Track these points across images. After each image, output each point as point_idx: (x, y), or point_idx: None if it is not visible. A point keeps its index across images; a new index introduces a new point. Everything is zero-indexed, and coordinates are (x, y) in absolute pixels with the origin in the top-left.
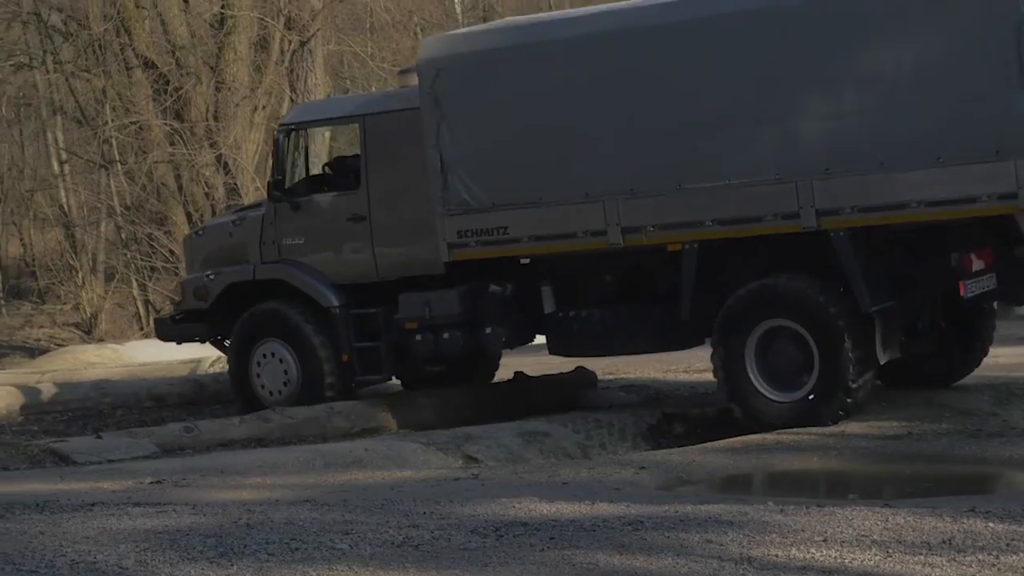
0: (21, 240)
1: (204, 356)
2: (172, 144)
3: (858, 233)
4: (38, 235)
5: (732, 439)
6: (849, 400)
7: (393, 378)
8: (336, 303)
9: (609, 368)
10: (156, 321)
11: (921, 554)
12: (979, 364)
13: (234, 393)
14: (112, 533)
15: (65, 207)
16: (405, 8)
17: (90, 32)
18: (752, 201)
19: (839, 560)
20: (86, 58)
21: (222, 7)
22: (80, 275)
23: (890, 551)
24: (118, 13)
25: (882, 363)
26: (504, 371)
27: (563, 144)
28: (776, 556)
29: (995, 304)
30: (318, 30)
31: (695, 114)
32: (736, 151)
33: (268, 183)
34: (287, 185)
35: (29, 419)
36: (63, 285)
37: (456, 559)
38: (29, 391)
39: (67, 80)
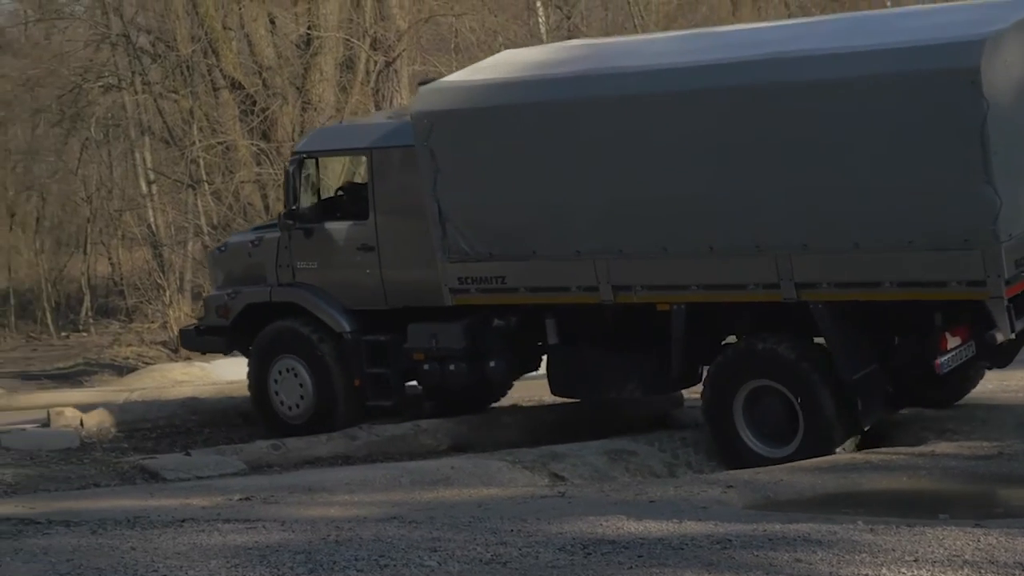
0: (109, 259)
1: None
2: (259, 164)
3: (836, 306)
4: (126, 254)
5: (819, 459)
6: (837, 451)
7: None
8: (348, 328)
9: (694, 388)
10: (182, 332)
11: (1014, 575)
12: (975, 386)
13: (255, 407)
14: (203, 549)
15: (153, 227)
16: (490, 28)
17: (178, 53)
18: (734, 269)
19: None
20: (174, 79)
21: (308, 28)
22: (167, 294)
23: (982, 571)
24: (206, 35)
25: (864, 429)
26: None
27: (554, 202)
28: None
29: None
30: (403, 50)
31: (680, 183)
32: (717, 221)
33: (279, 213)
34: (299, 211)
35: (119, 436)
36: (151, 304)
37: None
38: (118, 409)
39: (155, 101)
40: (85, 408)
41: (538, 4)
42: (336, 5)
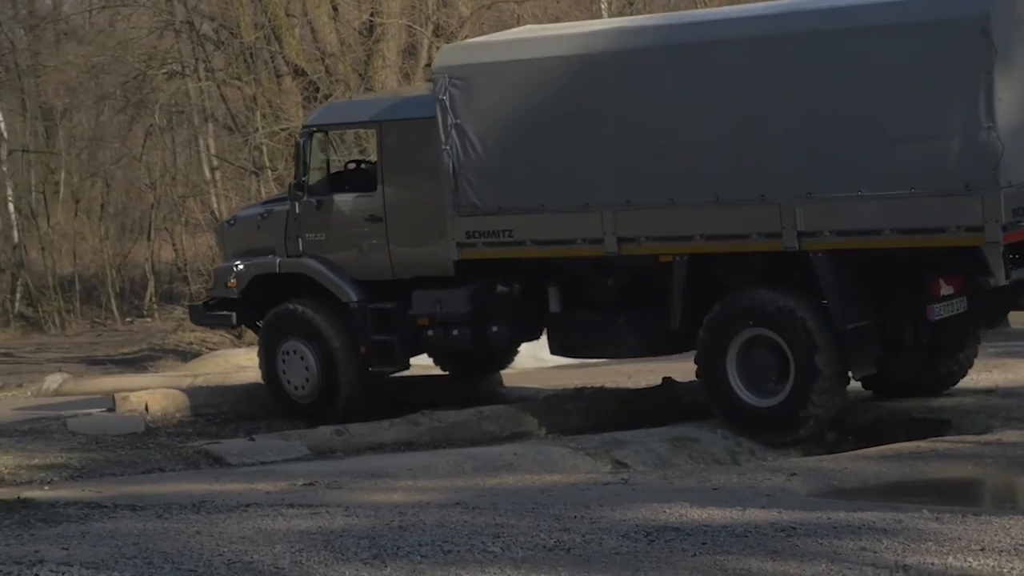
0: (173, 245)
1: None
2: (322, 151)
3: (836, 255)
4: (190, 240)
5: (884, 447)
6: (820, 411)
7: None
8: (355, 298)
9: None
10: (190, 308)
11: None
12: (964, 374)
13: (267, 388)
14: (267, 533)
15: (216, 213)
16: (552, 15)
17: (241, 40)
18: (738, 219)
19: (997, 569)
20: (237, 66)
21: (371, 15)
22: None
23: None
24: (269, 21)
25: (854, 379)
26: (650, 376)
27: (565, 155)
28: (932, 564)
29: None
30: (466, 37)
31: (687, 134)
32: (724, 171)
33: (289, 183)
34: (309, 183)
35: (183, 422)
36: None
37: (608, 563)
38: (182, 394)
39: (218, 88)
40: (149, 393)
41: None
42: None
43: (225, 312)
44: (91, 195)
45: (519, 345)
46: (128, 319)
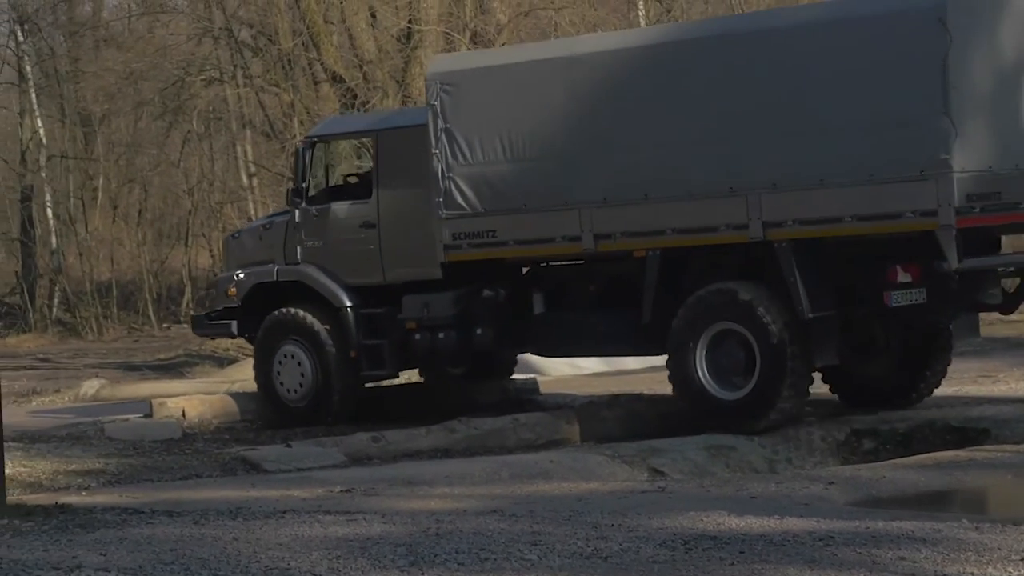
0: (210, 251)
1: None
2: (359, 157)
3: (799, 245)
4: None
5: (923, 455)
6: (784, 404)
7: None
8: (347, 303)
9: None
10: (193, 318)
11: None
12: (938, 384)
13: (260, 391)
14: (304, 540)
15: (254, 219)
16: (590, 23)
17: (279, 47)
18: (708, 212)
19: None
20: (275, 72)
21: (409, 22)
22: None
23: None
24: (307, 28)
25: (816, 366)
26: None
27: (545, 156)
28: (972, 574)
29: (951, 327)
30: (504, 44)
31: (660, 132)
32: (696, 166)
33: (287, 190)
34: (309, 193)
35: (220, 427)
36: None
37: (645, 571)
38: (219, 400)
39: (256, 94)
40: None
41: None
42: None
43: (226, 321)
44: (129, 201)
45: (501, 348)
46: (165, 325)
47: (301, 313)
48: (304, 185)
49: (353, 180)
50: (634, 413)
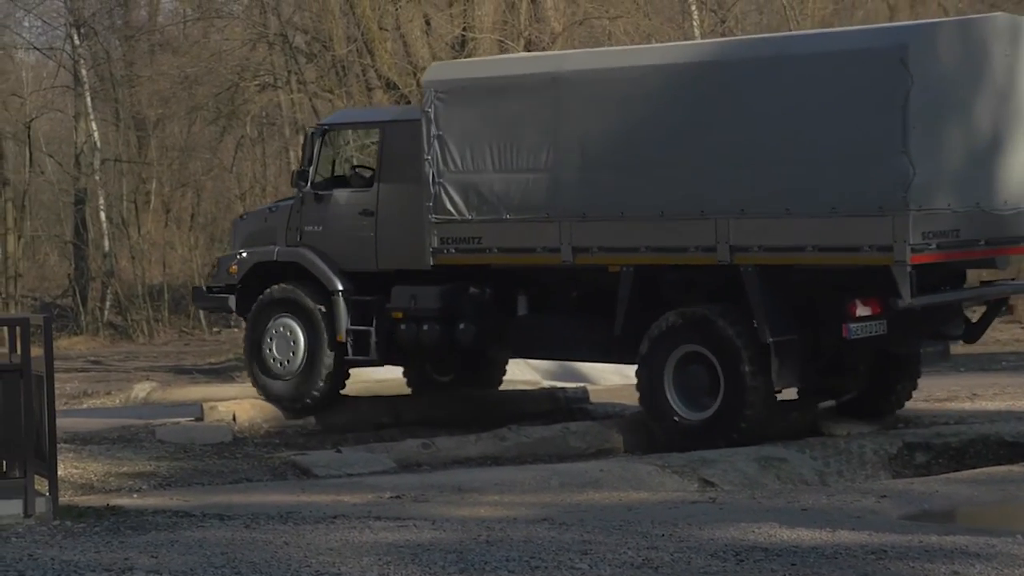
0: None
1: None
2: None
3: (765, 270)
4: None
5: (976, 470)
6: (744, 425)
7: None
8: (340, 287)
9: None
10: (194, 290)
11: None
12: (900, 406)
13: (246, 361)
14: (355, 546)
15: None
16: (644, 31)
17: (333, 53)
18: (680, 233)
19: None
20: (329, 79)
21: (464, 29)
22: None
23: None
24: (362, 35)
25: (776, 389)
26: None
27: (530, 168)
28: None
29: (920, 352)
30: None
31: (637, 152)
32: (670, 187)
33: (292, 172)
34: (315, 179)
35: (270, 432)
36: None
37: None
38: (270, 405)
39: (310, 100)
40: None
41: (693, 7)
42: (491, 6)
43: (226, 297)
44: (181, 205)
45: (484, 347)
46: (215, 329)
47: (297, 291)
48: (309, 169)
49: (359, 171)
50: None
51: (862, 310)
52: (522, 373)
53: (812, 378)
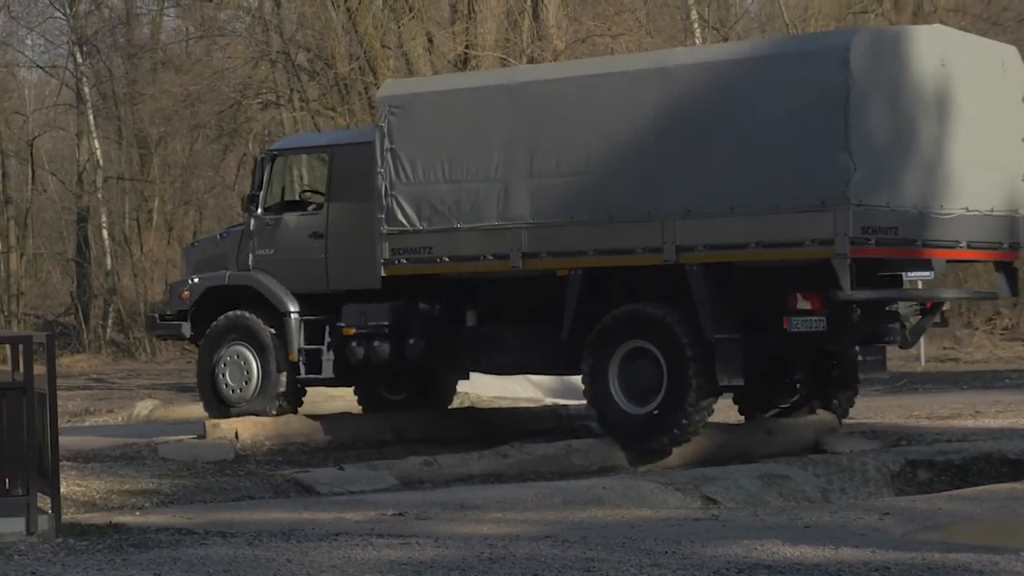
0: None
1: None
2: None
3: (710, 268)
4: None
5: (979, 488)
6: (686, 421)
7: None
8: (292, 309)
9: (849, 413)
10: (147, 318)
11: None
12: (845, 416)
13: (200, 389)
14: (357, 563)
15: None
16: (647, 49)
17: (336, 71)
18: (627, 235)
19: None
20: (331, 96)
21: (466, 47)
22: None
23: None
24: (364, 53)
25: (721, 385)
26: (738, 414)
27: (481, 178)
28: None
29: (859, 357)
30: None
31: (589, 159)
32: (619, 191)
33: (242, 197)
34: (266, 204)
35: (272, 450)
36: None
37: None
38: (272, 422)
39: (312, 118)
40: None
41: (695, 25)
42: (494, 24)
43: (179, 323)
44: (184, 223)
45: (435, 362)
46: None
47: (249, 316)
48: (259, 193)
49: (308, 194)
50: (687, 441)
51: (803, 303)
52: (524, 390)
53: (755, 376)
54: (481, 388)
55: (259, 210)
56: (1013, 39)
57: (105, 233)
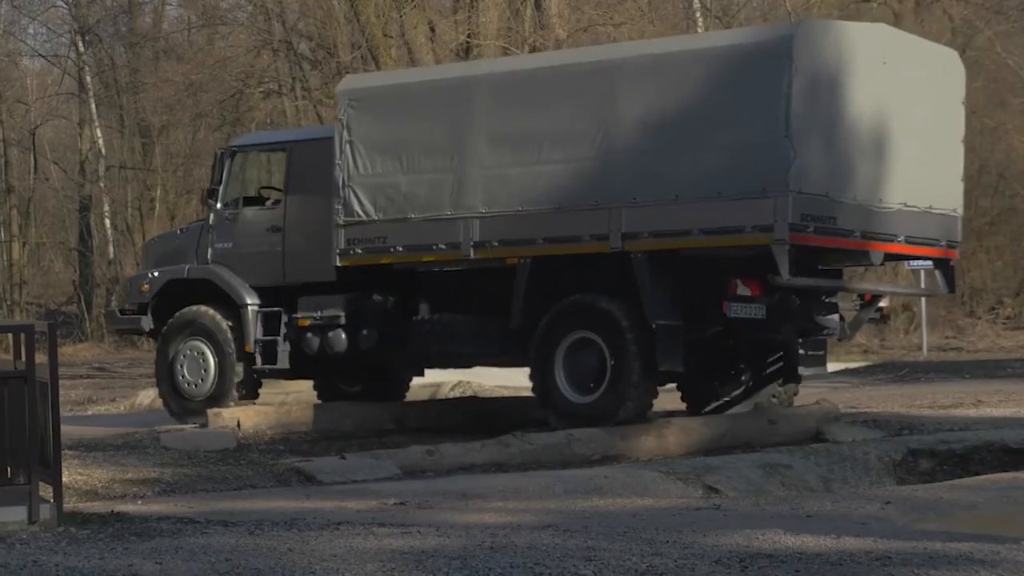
0: None
1: (444, 381)
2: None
3: (653, 256)
4: None
5: (981, 477)
6: (630, 404)
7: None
8: (249, 302)
9: (851, 402)
10: (107, 314)
11: None
12: (797, 394)
13: (158, 383)
14: (359, 552)
15: None
16: (648, 38)
17: (338, 60)
18: (575, 223)
19: None
20: (333, 85)
21: (468, 36)
22: None
23: None
24: (366, 42)
25: (661, 370)
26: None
27: (434, 169)
28: None
29: (799, 354)
30: None
31: (540, 149)
32: (568, 181)
33: (202, 191)
34: (225, 198)
35: (274, 439)
36: None
37: None
38: (274, 411)
39: (314, 107)
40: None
41: (697, 14)
42: (496, 13)
43: (138, 317)
44: (186, 212)
45: (385, 351)
46: None
47: (206, 310)
48: (219, 189)
49: (267, 189)
50: (688, 430)
51: (742, 290)
52: (526, 380)
53: (698, 367)
54: (483, 377)
55: (218, 204)
56: (1017, 27)
57: (107, 222)
